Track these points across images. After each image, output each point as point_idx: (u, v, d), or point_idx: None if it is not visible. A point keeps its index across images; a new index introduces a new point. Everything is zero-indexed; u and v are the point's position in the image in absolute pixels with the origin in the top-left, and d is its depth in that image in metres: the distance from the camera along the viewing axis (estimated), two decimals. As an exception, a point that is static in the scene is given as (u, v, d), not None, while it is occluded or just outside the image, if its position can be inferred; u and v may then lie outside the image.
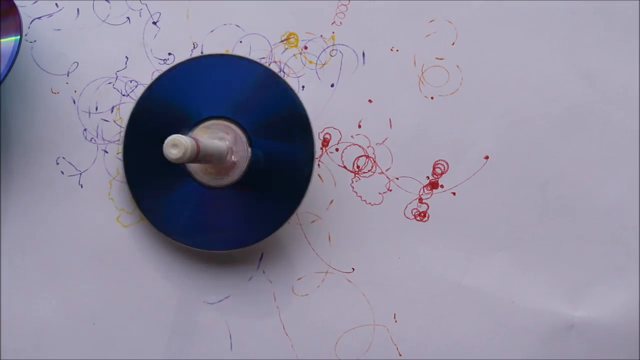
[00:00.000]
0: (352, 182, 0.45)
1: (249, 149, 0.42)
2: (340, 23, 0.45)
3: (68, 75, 0.45)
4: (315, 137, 0.43)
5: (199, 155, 0.36)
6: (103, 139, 0.45)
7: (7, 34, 0.42)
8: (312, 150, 0.43)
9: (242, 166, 0.42)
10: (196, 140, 0.35)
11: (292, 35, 0.45)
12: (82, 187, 0.45)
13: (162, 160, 0.43)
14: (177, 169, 0.43)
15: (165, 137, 0.42)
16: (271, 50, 0.45)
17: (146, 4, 0.46)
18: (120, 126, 0.45)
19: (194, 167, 0.43)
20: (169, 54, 0.45)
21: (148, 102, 0.44)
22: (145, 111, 0.44)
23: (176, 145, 0.34)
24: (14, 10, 0.43)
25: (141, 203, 0.43)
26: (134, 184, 0.43)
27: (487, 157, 0.45)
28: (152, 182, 0.43)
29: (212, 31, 0.45)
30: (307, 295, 0.45)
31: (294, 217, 0.45)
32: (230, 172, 0.42)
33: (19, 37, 0.42)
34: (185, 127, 0.43)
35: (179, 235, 0.43)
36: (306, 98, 0.44)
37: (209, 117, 0.43)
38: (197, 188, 0.43)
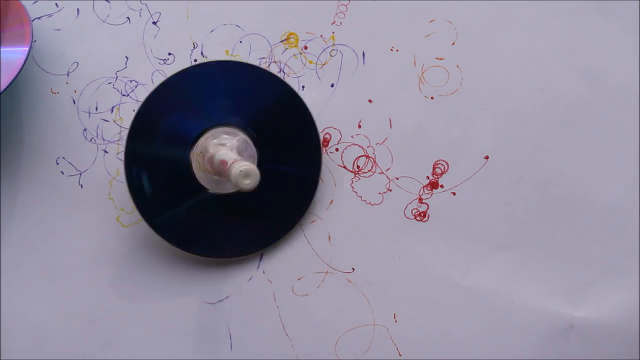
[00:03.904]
0: (352, 182, 0.45)
1: (256, 156, 0.42)
2: (340, 23, 0.45)
3: (68, 75, 0.45)
4: (322, 143, 0.43)
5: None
6: (103, 139, 0.45)
7: (16, 44, 0.42)
8: (318, 158, 0.43)
9: None
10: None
11: (292, 35, 0.45)
12: (82, 187, 0.45)
13: (166, 167, 0.43)
14: (184, 176, 0.42)
15: (173, 143, 0.43)
16: (271, 50, 0.45)
17: (146, 4, 0.46)
18: (121, 126, 0.45)
19: (199, 174, 0.42)
20: (169, 54, 0.45)
21: (152, 109, 0.44)
22: (149, 117, 0.44)
23: (249, 176, 0.34)
24: (25, 20, 0.42)
25: (144, 210, 0.43)
26: (136, 191, 0.43)
27: (487, 157, 0.45)
28: (156, 189, 0.43)
29: (212, 31, 0.45)
30: (307, 295, 0.45)
31: (294, 217, 0.45)
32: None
33: (27, 48, 0.41)
34: (191, 134, 0.43)
35: (183, 241, 0.43)
36: (306, 98, 0.44)
37: (216, 125, 0.43)
38: (204, 195, 0.43)
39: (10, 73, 0.41)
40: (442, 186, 0.45)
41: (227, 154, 0.38)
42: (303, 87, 0.45)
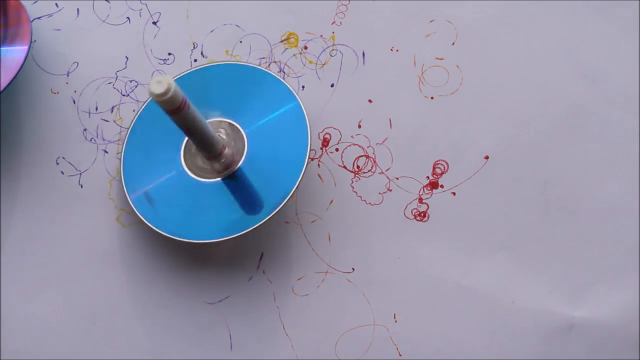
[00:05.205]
0: (352, 182, 0.45)
1: (246, 146, 0.43)
2: (340, 23, 0.45)
3: (68, 75, 0.45)
4: (309, 130, 0.43)
5: (184, 107, 0.36)
6: (103, 139, 0.45)
7: (16, 43, 0.42)
8: (305, 141, 0.43)
9: (238, 162, 0.43)
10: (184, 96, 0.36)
11: (292, 35, 0.45)
12: (82, 187, 0.45)
13: (161, 159, 0.43)
14: (176, 168, 0.43)
15: (166, 141, 0.43)
16: (271, 50, 0.45)
17: (146, 4, 0.46)
18: (121, 126, 0.45)
19: (191, 166, 0.43)
20: (169, 54, 0.45)
21: (152, 109, 0.44)
22: (149, 117, 0.44)
23: (160, 82, 0.34)
24: (25, 19, 0.43)
25: (136, 203, 0.43)
26: (131, 185, 0.43)
27: (487, 157, 0.45)
28: (150, 181, 0.43)
29: (212, 31, 0.45)
30: (307, 295, 0.45)
31: (294, 217, 0.45)
32: (227, 169, 0.43)
33: (27, 47, 0.42)
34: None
35: (176, 230, 0.43)
36: (306, 98, 0.44)
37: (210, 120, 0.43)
38: (193, 181, 0.43)
39: (10, 72, 0.41)
40: (442, 186, 0.45)
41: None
42: (303, 87, 0.45)
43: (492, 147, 0.45)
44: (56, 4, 0.46)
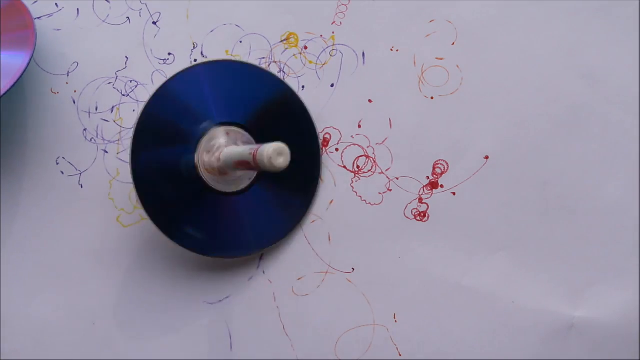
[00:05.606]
0: (352, 182, 0.45)
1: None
2: (340, 23, 0.45)
3: (68, 75, 0.45)
4: (319, 141, 0.44)
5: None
6: (103, 139, 0.45)
7: (19, 49, 0.42)
8: (318, 155, 0.43)
9: (252, 174, 0.43)
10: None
11: (292, 35, 0.45)
12: (82, 187, 0.45)
13: (173, 165, 0.43)
14: (192, 176, 0.42)
15: (178, 139, 0.42)
16: (271, 50, 0.45)
17: (146, 4, 0.46)
18: (121, 126, 0.45)
19: (206, 174, 0.42)
20: (169, 54, 0.45)
21: (158, 105, 0.43)
22: (155, 114, 0.43)
23: (282, 154, 0.33)
24: (30, 25, 0.42)
25: (151, 210, 0.42)
26: (144, 191, 0.42)
27: (487, 157, 0.45)
28: (163, 188, 0.43)
29: (212, 31, 0.45)
30: (307, 295, 0.45)
31: (294, 217, 0.45)
32: (239, 179, 0.42)
33: (30, 53, 0.41)
34: (196, 132, 0.43)
35: (191, 243, 0.43)
36: (306, 98, 0.44)
37: (222, 123, 0.43)
38: (211, 195, 0.42)
39: (11, 78, 0.41)
40: (442, 186, 0.45)
41: (241, 150, 0.38)
42: (303, 87, 0.45)
43: (492, 147, 0.45)
44: (56, 4, 0.46)
